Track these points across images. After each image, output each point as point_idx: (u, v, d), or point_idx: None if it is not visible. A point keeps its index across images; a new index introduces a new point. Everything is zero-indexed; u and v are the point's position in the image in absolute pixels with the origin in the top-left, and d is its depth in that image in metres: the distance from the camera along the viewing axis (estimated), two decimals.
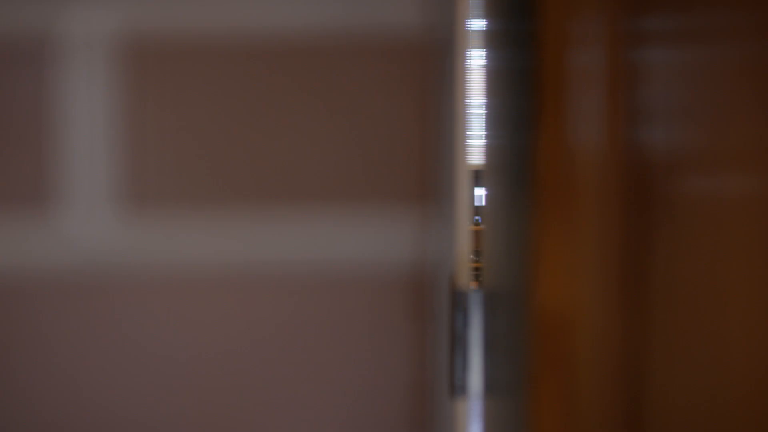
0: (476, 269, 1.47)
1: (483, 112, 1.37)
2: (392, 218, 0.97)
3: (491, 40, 1.34)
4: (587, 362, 1.25)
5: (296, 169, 0.97)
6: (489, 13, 1.32)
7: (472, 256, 1.37)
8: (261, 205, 0.99)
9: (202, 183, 1.02)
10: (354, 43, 0.95)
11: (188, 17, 1.00)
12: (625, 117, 1.25)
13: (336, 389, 1.01)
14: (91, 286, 1.10)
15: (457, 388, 1.26)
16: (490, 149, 1.39)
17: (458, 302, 1.26)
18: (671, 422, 1.26)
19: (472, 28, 1.28)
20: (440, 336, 1.22)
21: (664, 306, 1.25)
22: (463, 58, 1.25)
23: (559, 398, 1.25)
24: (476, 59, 1.31)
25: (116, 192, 1.06)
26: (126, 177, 1.05)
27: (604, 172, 1.25)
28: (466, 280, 1.28)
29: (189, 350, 1.08)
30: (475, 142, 1.39)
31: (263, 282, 1.02)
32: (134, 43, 1.02)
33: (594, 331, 1.25)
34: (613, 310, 1.25)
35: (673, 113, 1.25)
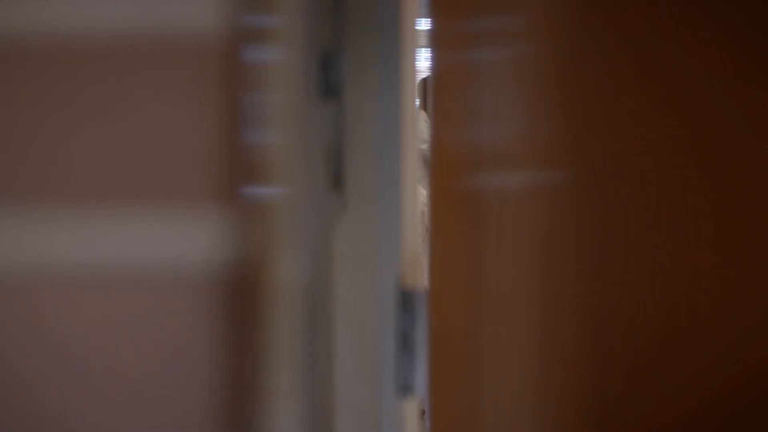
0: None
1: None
2: (200, 218, 0.96)
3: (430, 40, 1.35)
4: (452, 361, 1.27)
5: (94, 169, 0.96)
6: (426, 14, 1.33)
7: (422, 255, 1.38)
8: (58, 205, 0.98)
9: None
10: (150, 43, 0.94)
11: None
12: (453, 117, 1.27)
13: (134, 390, 1.00)
14: None
15: (403, 387, 1.27)
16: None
17: (405, 302, 1.27)
18: (504, 419, 1.28)
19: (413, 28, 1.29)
20: (384, 335, 1.22)
21: (491, 301, 1.27)
22: (412, 58, 1.26)
23: (444, 396, 1.27)
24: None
25: None
26: None
27: (445, 171, 1.27)
28: (412, 279, 1.29)
29: None
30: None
31: (59, 283, 1.01)
32: None
33: (454, 331, 1.27)
34: (459, 309, 1.27)
35: (491, 112, 1.27)
